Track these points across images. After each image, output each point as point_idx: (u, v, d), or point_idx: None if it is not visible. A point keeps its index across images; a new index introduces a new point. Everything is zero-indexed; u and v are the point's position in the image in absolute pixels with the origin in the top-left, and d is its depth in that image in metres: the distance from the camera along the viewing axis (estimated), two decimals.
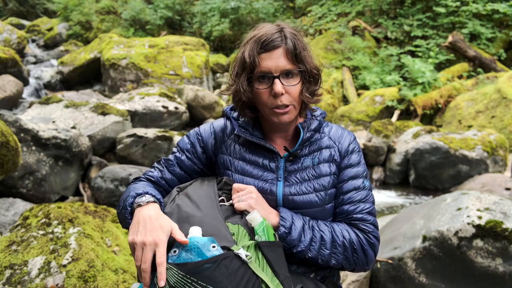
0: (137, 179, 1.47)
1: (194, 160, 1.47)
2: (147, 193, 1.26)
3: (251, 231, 1.22)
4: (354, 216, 1.38)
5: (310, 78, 1.36)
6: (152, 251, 1.09)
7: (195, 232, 1.12)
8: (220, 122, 1.51)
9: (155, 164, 1.51)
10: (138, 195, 1.25)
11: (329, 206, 1.39)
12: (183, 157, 1.47)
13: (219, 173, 1.46)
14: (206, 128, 1.50)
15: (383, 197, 6.02)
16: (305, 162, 1.40)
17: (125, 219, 1.25)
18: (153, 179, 1.46)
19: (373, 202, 1.41)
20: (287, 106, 1.32)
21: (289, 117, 1.35)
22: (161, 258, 1.08)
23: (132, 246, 1.13)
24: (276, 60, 1.29)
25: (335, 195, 1.41)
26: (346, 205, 1.39)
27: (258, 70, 1.30)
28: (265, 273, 1.14)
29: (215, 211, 1.23)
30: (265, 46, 1.29)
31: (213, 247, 1.09)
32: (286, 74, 1.30)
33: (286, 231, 1.29)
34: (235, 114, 1.48)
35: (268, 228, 1.24)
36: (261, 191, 1.38)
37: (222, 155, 1.45)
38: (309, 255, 1.31)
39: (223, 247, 1.10)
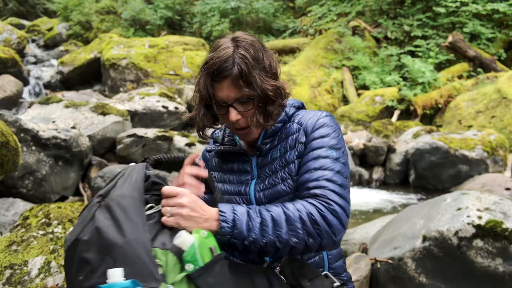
0: None
1: None
2: None
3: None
4: (309, 184, 1.25)
5: (262, 101, 1.33)
6: None
7: (116, 276, 0.95)
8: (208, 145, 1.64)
9: None
10: None
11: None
12: None
13: None
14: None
15: (383, 197, 6.02)
16: (273, 154, 1.41)
17: None
18: None
19: (338, 172, 1.27)
20: (246, 128, 1.36)
21: (252, 136, 1.40)
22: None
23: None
24: (226, 91, 1.31)
25: None
26: (303, 175, 1.29)
27: (215, 99, 1.35)
28: None
29: (139, 231, 1.02)
30: (215, 77, 1.31)
31: None
32: (240, 102, 1.33)
33: (229, 225, 1.13)
34: (215, 132, 1.59)
35: (202, 247, 1.05)
36: (238, 194, 1.43)
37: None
38: (264, 240, 1.14)
39: None
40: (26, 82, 9.48)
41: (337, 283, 1.37)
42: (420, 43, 10.39)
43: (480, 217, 2.80)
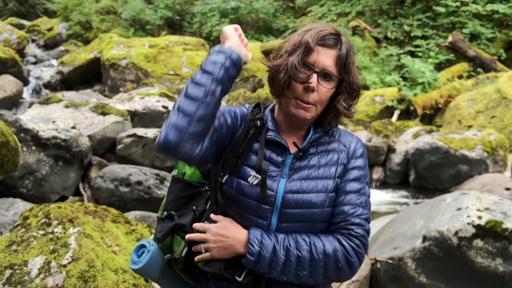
0: None
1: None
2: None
3: None
4: (352, 220, 1.32)
5: (350, 90, 1.34)
6: None
7: None
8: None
9: None
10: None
11: (328, 209, 1.34)
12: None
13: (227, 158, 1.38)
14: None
15: (383, 197, 6.02)
16: (311, 161, 1.36)
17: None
18: None
19: (369, 209, 1.37)
20: (311, 104, 1.30)
21: (308, 115, 1.31)
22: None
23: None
24: (324, 58, 1.28)
25: (335, 197, 1.37)
26: (346, 206, 1.34)
27: (306, 58, 1.29)
28: None
29: None
30: (325, 40, 1.28)
31: None
32: (325, 75, 1.29)
33: (254, 259, 1.25)
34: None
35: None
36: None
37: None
38: (283, 278, 1.26)
39: None
40: (26, 82, 9.49)
41: None
42: (420, 43, 10.39)
43: (480, 217, 2.80)
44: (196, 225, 1.34)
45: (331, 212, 1.35)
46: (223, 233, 1.30)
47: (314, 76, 1.27)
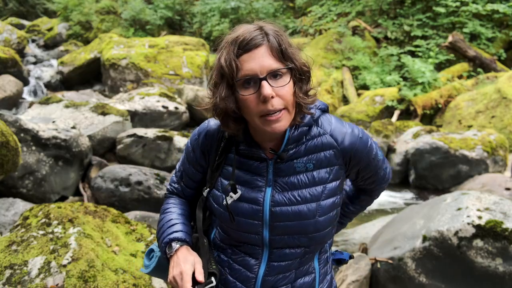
0: (166, 195, 1.52)
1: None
2: (174, 239, 1.31)
3: None
4: (380, 179, 1.47)
5: (302, 76, 1.19)
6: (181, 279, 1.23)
7: None
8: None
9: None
10: (167, 244, 1.32)
11: (322, 219, 1.24)
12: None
13: (211, 179, 1.36)
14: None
15: (383, 197, 6.02)
16: (297, 165, 1.24)
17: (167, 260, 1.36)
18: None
19: (379, 150, 1.42)
20: (279, 111, 1.14)
21: (284, 125, 1.16)
22: (184, 285, 1.20)
23: (171, 284, 1.27)
24: (259, 60, 1.12)
25: (333, 204, 1.28)
26: (371, 177, 1.43)
27: (240, 75, 1.14)
28: None
29: None
30: (245, 46, 1.13)
31: None
32: (274, 75, 1.13)
33: None
34: None
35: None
36: (251, 202, 1.25)
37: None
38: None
39: None
40: (26, 82, 9.48)
41: None
42: (420, 43, 10.39)
43: (480, 217, 2.80)
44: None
45: (328, 220, 1.27)
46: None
47: (263, 84, 1.11)
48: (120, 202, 4.50)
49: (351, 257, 1.53)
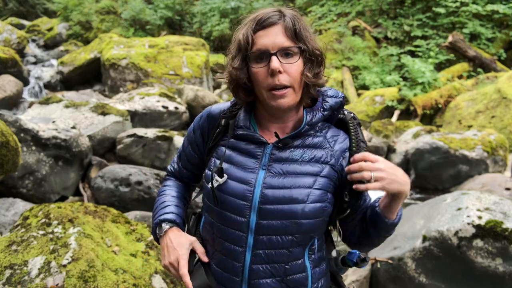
0: (166, 176, 1.60)
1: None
2: (164, 220, 1.38)
3: None
4: None
5: (312, 57, 1.25)
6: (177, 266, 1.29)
7: None
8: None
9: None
10: (157, 225, 1.39)
11: (311, 205, 1.25)
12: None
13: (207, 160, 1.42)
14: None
15: None
16: (294, 154, 1.28)
17: (157, 241, 1.43)
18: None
19: None
20: (285, 87, 1.21)
21: (288, 101, 1.23)
22: (181, 271, 1.27)
23: (166, 269, 1.33)
24: (273, 37, 1.21)
25: (324, 195, 1.28)
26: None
27: (254, 49, 1.22)
28: None
29: None
30: (262, 23, 1.22)
31: None
32: (285, 53, 1.21)
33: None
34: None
35: None
36: (243, 182, 1.27)
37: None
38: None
39: None
40: (26, 82, 9.48)
41: None
42: (420, 43, 10.39)
43: (480, 217, 2.80)
44: (361, 155, 1.20)
45: (317, 208, 1.27)
46: (395, 166, 1.22)
47: (273, 58, 1.19)
48: (120, 202, 4.50)
49: (363, 259, 1.41)
